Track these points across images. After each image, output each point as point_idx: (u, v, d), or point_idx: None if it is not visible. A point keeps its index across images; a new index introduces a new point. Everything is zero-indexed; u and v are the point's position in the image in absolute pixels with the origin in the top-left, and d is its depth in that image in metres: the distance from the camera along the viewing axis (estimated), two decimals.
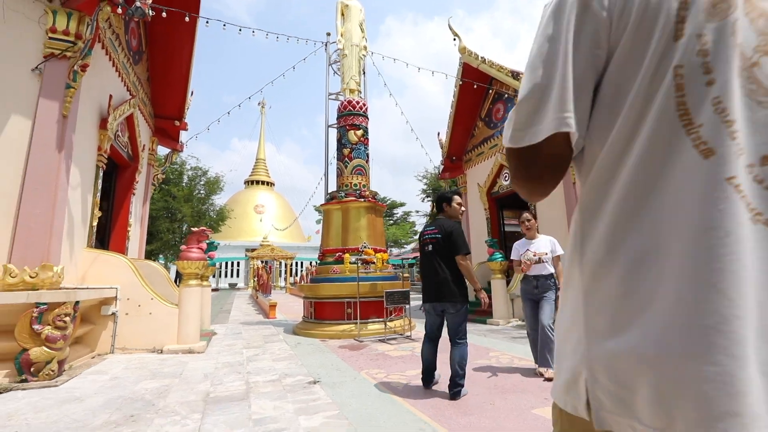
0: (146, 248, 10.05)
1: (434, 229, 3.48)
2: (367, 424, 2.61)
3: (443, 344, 3.47)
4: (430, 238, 3.48)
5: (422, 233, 3.65)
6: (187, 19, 6.30)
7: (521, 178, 0.62)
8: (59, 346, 3.78)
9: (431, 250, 3.44)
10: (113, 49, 6.00)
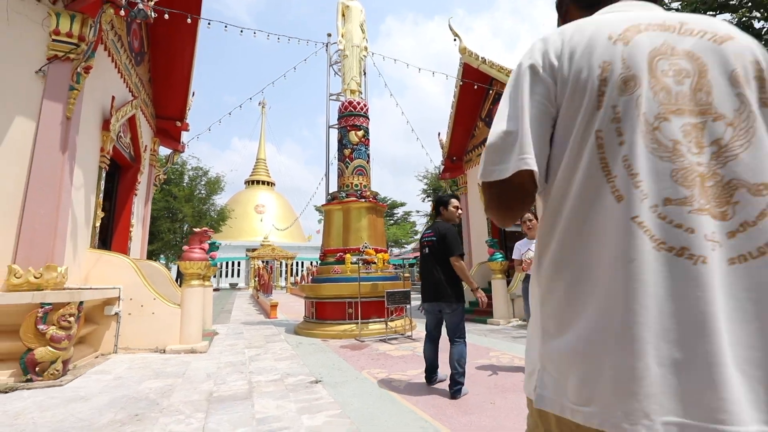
0: (147, 248, 10.08)
1: (431, 232, 3.61)
2: (369, 423, 2.64)
3: (444, 343, 3.51)
4: (427, 240, 3.62)
5: (421, 236, 3.78)
6: (189, 20, 6.33)
7: (494, 207, 0.73)
8: (64, 346, 3.82)
9: (428, 252, 3.58)
10: (115, 50, 6.03)
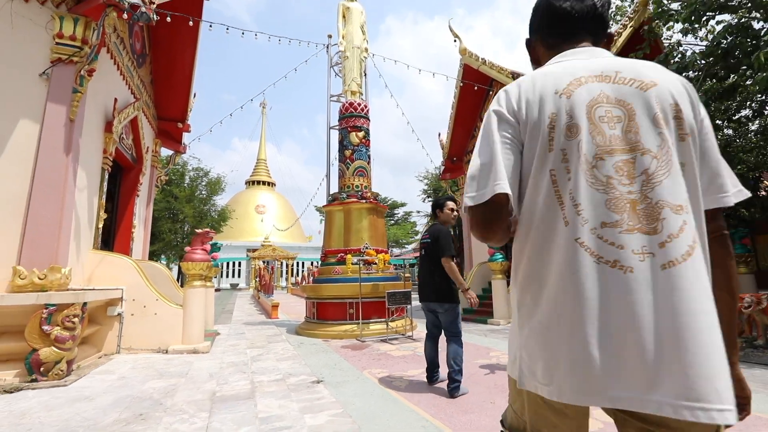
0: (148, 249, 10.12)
1: (427, 234, 3.73)
2: (370, 422, 2.68)
3: (442, 342, 3.55)
4: (423, 242, 3.75)
5: (421, 239, 3.89)
6: (190, 23, 6.36)
7: (478, 226, 0.86)
8: (68, 346, 3.86)
9: (424, 254, 3.70)
10: (118, 52, 6.07)
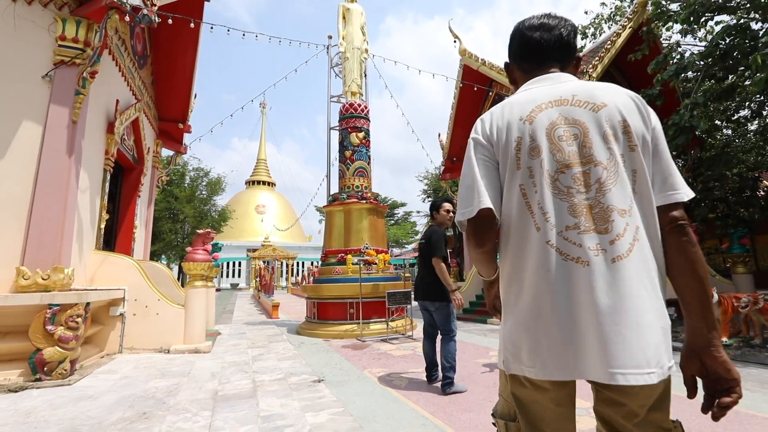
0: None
1: (423, 235, 3.83)
2: (371, 420, 2.72)
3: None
4: (420, 243, 3.87)
5: (420, 239, 3.97)
6: (192, 25, 6.40)
7: (472, 236, 0.99)
8: (71, 346, 3.90)
9: (420, 254, 3.81)
10: (119, 54, 6.11)
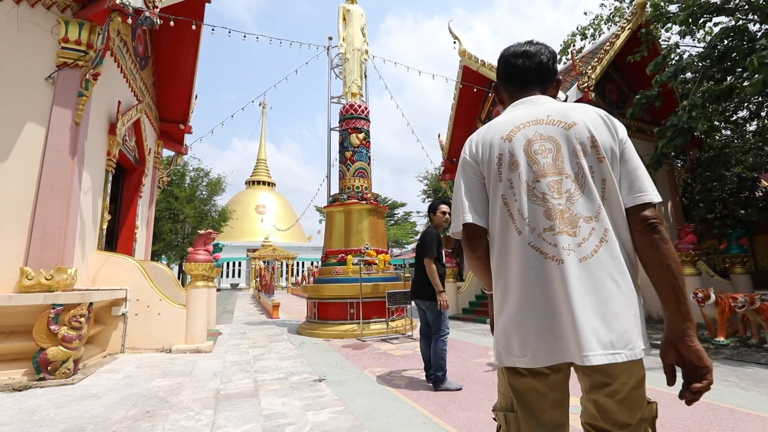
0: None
1: (420, 236, 3.92)
2: (371, 418, 2.76)
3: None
4: (417, 244, 3.93)
5: None
6: (193, 27, 6.44)
7: (466, 247, 1.12)
8: (75, 345, 3.94)
9: (416, 255, 3.88)
10: (121, 56, 6.14)
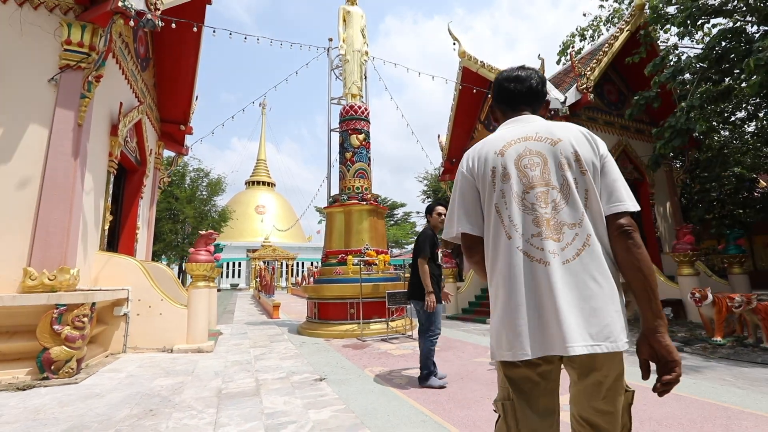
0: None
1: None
2: (372, 417, 2.80)
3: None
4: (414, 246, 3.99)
5: None
6: (194, 29, 6.47)
7: (464, 252, 1.25)
8: (78, 345, 3.97)
9: (412, 255, 3.92)
10: (123, 57, 6.18)
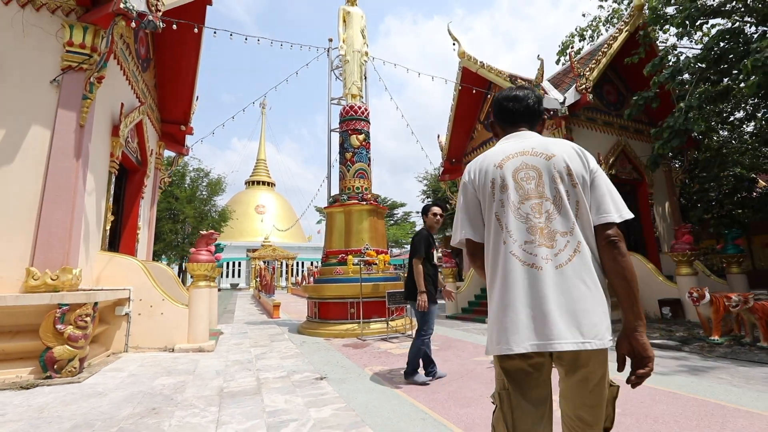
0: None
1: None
2: (372, 415, 2.83)
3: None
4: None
5: None
6: (195, 30, 6.50)
7: (468, 256, 1.37)
8: (81, 344, 4.01)
9: (408, 256, 3.97)
10: (124, 58, 6.21)
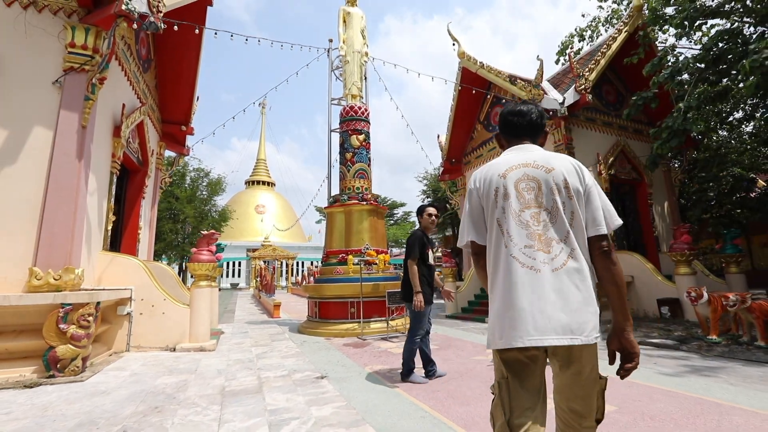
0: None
1: None
2: (373, 413, 2.86)
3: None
4: None
5: None
6: (196, 31, 6.53)
7: (471, 258, 1.46)
8: (83, 344, 4.04)
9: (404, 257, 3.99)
10: (125, 59, 6.23)
